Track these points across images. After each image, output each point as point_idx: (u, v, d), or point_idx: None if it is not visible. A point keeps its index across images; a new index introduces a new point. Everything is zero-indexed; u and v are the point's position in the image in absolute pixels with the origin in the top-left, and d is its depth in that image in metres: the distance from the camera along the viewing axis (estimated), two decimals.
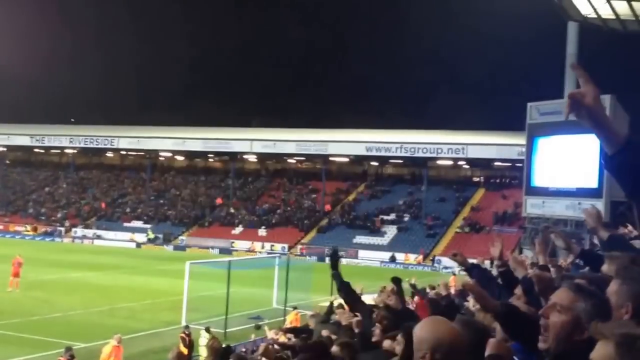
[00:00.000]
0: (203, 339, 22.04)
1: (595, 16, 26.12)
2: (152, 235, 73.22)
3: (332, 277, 9.38)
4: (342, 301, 11.46)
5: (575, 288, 3.09)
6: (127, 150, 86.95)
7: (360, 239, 67.24)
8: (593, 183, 33.96)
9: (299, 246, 68.12)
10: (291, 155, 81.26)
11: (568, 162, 35.35)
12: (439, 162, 73.46)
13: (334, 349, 6.68)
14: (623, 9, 24.38)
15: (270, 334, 18.36)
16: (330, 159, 78.38)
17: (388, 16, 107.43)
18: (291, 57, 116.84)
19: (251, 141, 77.56)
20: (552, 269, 5.94)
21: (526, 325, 3.65)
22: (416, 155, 71.04)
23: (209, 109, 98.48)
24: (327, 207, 74.29)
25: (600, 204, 33.67)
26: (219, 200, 79.76)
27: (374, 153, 73.71)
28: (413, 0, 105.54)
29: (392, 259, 61.68)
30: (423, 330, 3.18)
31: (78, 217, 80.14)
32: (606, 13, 25.44)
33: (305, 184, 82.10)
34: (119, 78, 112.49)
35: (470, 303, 8.28)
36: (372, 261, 60.38)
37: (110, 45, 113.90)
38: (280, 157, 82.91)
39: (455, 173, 78.75)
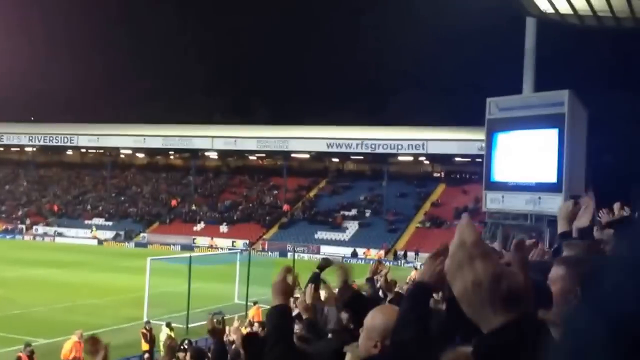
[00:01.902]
0: (164, 335, 21.99)
1: (553, 11, 26.50)
2: (95, 232, 72.89)
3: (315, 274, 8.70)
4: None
5: None
6: (87, 148, 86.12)
7: (321, 234, 67.40)
8: (552, 178, 34.46)
9: (261, 242, 68.08)
10: (252, 152, 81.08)
11: (527, 157, 35.83)
12: (400, 158, 73.90)
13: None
14: (581, 5, 24.78)
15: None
16: (292, 155, 78.37)
17: (347, 12, 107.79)
18: (251, 53, 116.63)
19: (212, 138, 77.27)
20: None
21: None
22: (377, 151, 71.43)
23: (169, 106, 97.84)
24: (286, 206, 74.09)
25: (559, 199, 34.26)
26: (173, 203, 78.97)
27: (334, 149, 73.91)
28: None
29: (354, 254, 61.88)
30: (373, 319, 3.24)
31: (39, 215, 79.21)
32: (564, 8, 25.82)
33: (267, 181, 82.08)
34: (78, 76, 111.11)
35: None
36: (334, 257, 60.40)
37: (70, 43, 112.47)
38: (241, 153, 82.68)
39: (416, 169, 79.23)
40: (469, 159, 68.25)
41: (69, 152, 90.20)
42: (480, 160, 51.87)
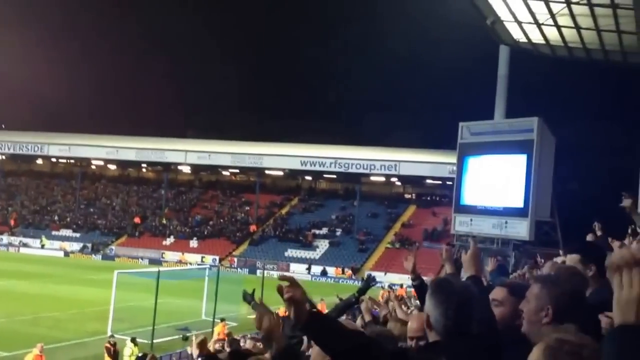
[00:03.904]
0: (128, 349, 21.83)
1: (526, 40, 26.93)
2: (45, 242, 72.32)
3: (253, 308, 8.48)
4: None
5: (431, 287, 3.40)
6: (57, 157, 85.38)
7: (292, 252, 67.30)
8: (519, 203, 34.88)
9: (230, 258, 67.81)
10: (226, 168, 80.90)
11: (496, 182, 36.24)
12: (372, 178, 74.19)
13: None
14: (553, 35, 25.21)
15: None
16: (265, 172, 78.32)
17: (323, 34, 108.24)
18: (227, 70, 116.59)
19: (185, 152, 77.05)
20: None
21: None
22: (350, 170, 71.65)
23: (144, 119, 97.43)
24: (253, 227, 73.55)
25: (525, 223, 34.68)
26: (137, 220, 77.60)
27: (308, 168, 74.00)
28: (347, 19, 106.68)
29: (324, 273, 61.94)
30: None
31: (4, 225, 78.16)
32: (536, 38, 26.26)
33: (239, 197, 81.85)
34: (51, 84, 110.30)
35: (397, 312, 8.41)
36: (304, 275, 60.40)
37: (43, 50, 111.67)
38: (214, 168, 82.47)
39: (388, 189, 79.59)
40: (440, 182, 68.80)
41: (39, 161, 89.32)
42: (450, 183, 52.39)
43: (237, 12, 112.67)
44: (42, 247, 71.60)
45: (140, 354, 19.55)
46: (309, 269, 63.19)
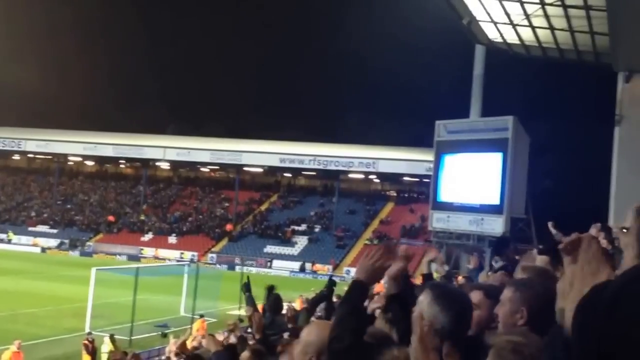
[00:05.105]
0: (106, 346, 21.89)
1: (501, 40, 27.22)
2: (12, 237, 71.68)
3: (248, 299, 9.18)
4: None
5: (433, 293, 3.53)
6: (34, 153, 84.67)
7: (271, 248, 67.45)
8: (495, 200, 35.33)
9: (210, 254, 67.80)
10: (205, 164, 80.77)
11: (472, 179, 36.66)
12: (351, 175, 74.48)
13: (244, 354, 6.76)
14: (527, 35, 25.51)
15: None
16: (244, 168, 78.33)
17: (302, 32, 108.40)
18: (207, 66, 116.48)
19: (164, 148, 76.79)
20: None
21: None
22: (328, 168, 71.88)
23: (123, 115, 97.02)
24: (229, 226, 73.36)
25: (500, 220, 35.13)
26: (110, 218, 77.01)
27: (287, 165, 74.12)
28: (326, 17, 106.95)
29: (302, 269, 62.20)
30: (309, 334, 3.24)
31: None
32: (511, 38, 26.55)
33: (218, 193, 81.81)
34: (28, 79, 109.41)
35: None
36: (283, 270, 60.74)
37: (19, 45, 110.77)
38: (193, 165, 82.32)
39: (366, 186, 79.91)
40: (418, 179, 69.20)
41: (16, 156, 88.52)
42: (428, 180, 52.77)
43: (221, 11, 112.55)
44: (9, 242, 70.91)
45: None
46: (270, 262, 63.75)
